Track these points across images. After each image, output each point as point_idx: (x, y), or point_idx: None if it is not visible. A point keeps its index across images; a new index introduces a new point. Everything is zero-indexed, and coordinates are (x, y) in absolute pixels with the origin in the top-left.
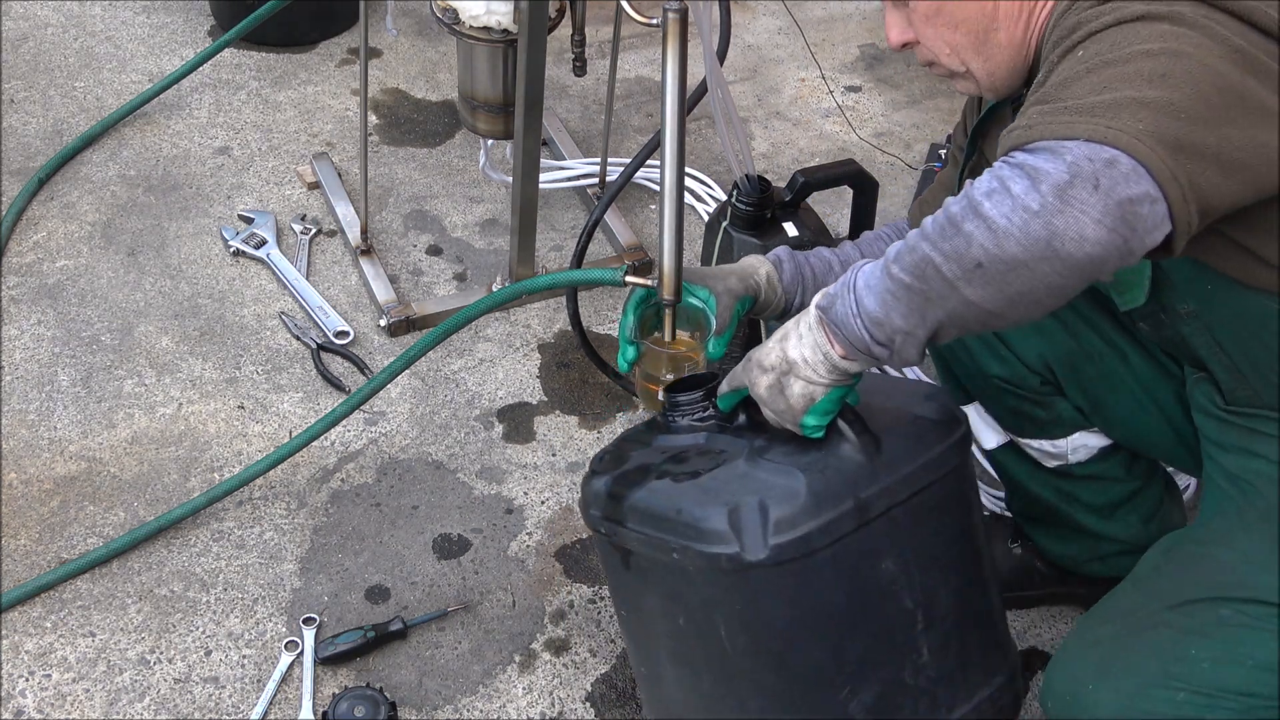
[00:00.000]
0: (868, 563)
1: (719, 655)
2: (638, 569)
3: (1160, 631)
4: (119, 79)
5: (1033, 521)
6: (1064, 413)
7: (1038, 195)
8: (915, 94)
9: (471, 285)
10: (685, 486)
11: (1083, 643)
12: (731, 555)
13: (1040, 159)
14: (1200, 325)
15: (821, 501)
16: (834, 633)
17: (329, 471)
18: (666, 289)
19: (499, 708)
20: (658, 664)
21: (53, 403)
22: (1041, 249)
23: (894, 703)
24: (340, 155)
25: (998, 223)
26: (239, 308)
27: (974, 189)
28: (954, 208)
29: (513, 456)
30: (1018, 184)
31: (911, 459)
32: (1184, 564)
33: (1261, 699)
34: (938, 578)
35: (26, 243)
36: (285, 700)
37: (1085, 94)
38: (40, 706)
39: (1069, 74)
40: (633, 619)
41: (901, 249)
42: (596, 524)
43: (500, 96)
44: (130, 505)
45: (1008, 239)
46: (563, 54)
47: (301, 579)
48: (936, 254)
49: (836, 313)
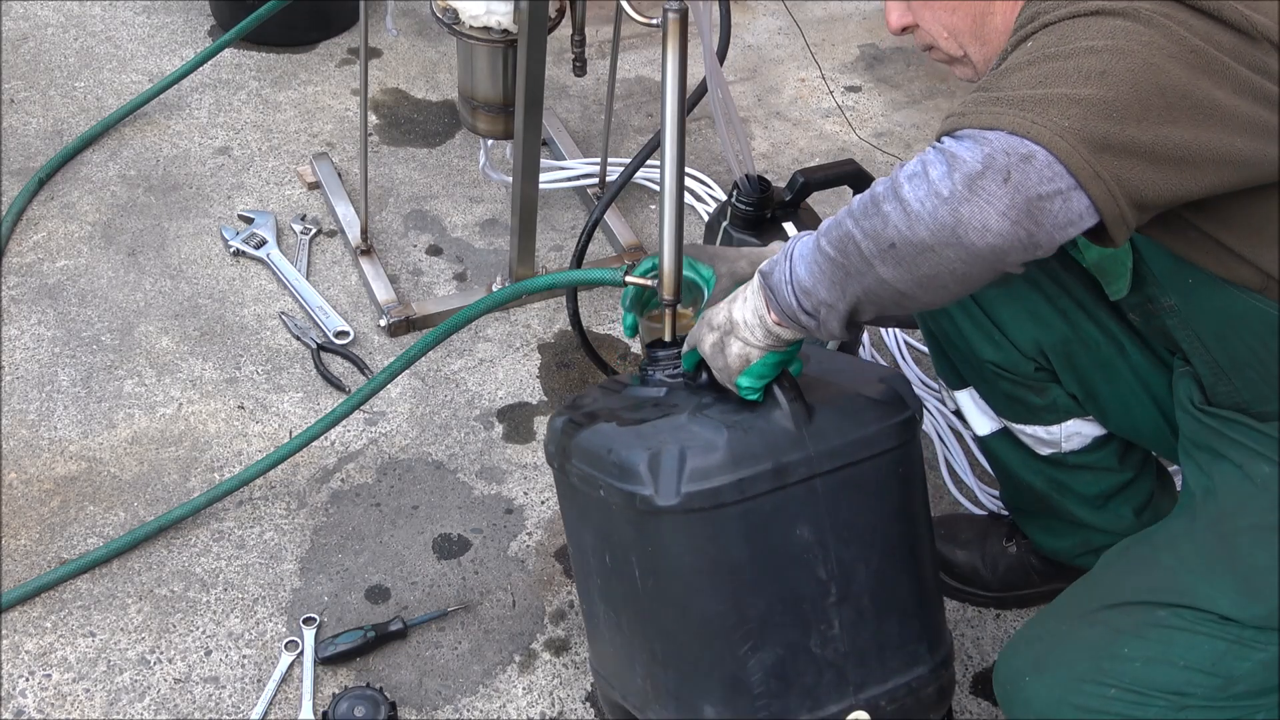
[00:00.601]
0: (780, 526)
1: (634, 595)
2: (579, 506)
3: (1096, 629)
4: (119, 79)
5: (1024, 513)
6: (1058, 399)
7: (949, 183)
8: (915, 94)
9: (471, 285)
10: (624, 431)
11: (1025, 637)
12: (645, 496)
13: (962, 146)
14: (1181, 320)
15: (739, 459)
16: (736, 587)
17: (329, 471)
18: (666, 289)
19: (499, 708)
20: (592, 602)
21: (53, 403)
22: (947, 235)
23: (796, 668)
24: (340, 155)
25: (912, 206)
26: (239, 308)
27: (899, 170)
28: (879, 187)
29: (513, 456)
30: (936, 169)
31: (841, 434)
32: (1131, 565)
33: (1193, 699)
34: (858, 554)
35: (26, 243)
36: (285, 700)
37: (1020, 86)
38: (40, 706)
39: (1012, 64)
40: (577, 557)
41: (832, 223)
42: (551, 459)
43: (500, 96)
44: (130, 505)
45: (918, 222)
46: (563, 54)
47: (301, 579)
48: (857, 230)
49: (774, 279)
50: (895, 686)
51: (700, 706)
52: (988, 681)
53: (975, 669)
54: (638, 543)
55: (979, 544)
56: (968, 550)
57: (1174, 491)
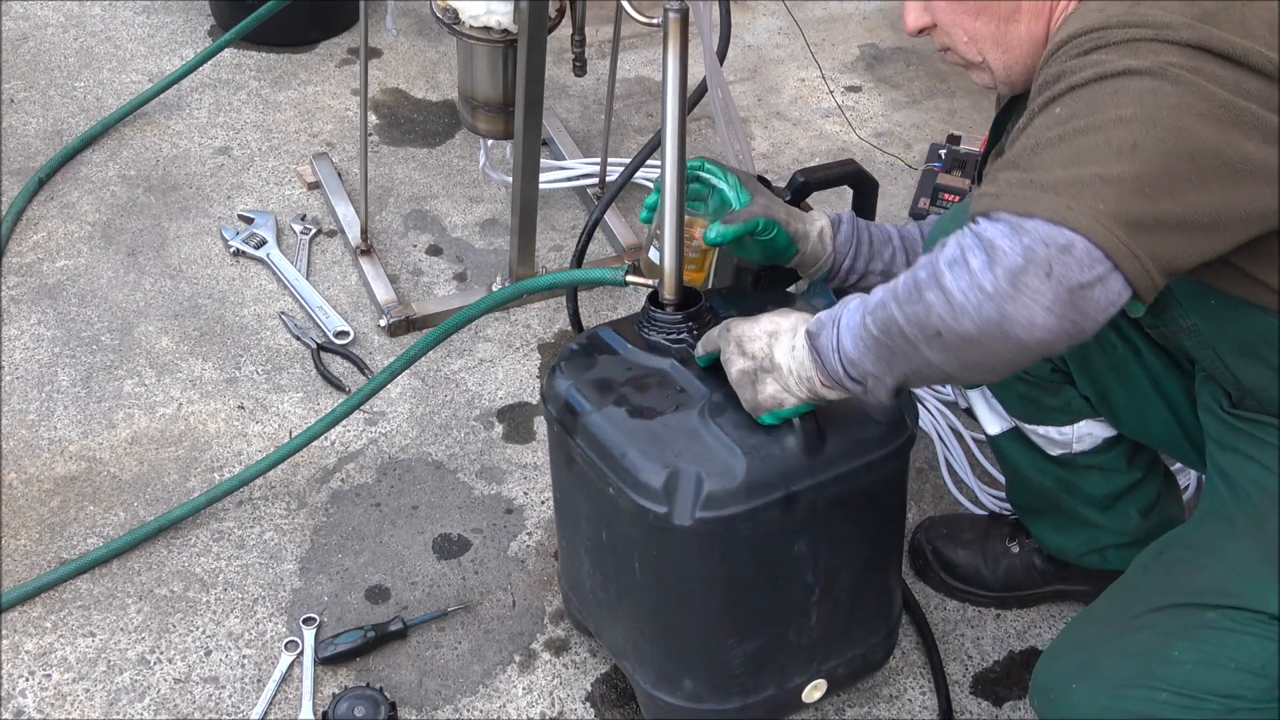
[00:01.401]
0: (782, 543)
1: (629, 575)
2: (578, 476)
3: (1144, 633)
4: (119, 79)
5: (1032, 512)
6: (1073, 401)
7: (991, 276)
8: (915, 94)
9: (471, 285)
10: (637, 427)
11: (1068, 643)
12: (659, 515)
13: (1000, 234)
14: (1201, 339)
15: (754, 489)
16: (735, 594)
17: (329, 471)
18: (667, 289)
19: (499, 708)
20: (577, 552)
21: (53, 403)
22: (993, 330)
23: (773, 653)
24: (340, 155)
25: (955, 297)
26: (239, 308)
27: (939, 255)
28: (920, 273)
29: (513, 456)
30: (976, 258)
31: (849, 459)
32: (1171, 568)
33: (1244, 701)
34: (843, 559)
35: (26, 243)
36: (285, 700)
37: (1053, 166)
38: (40, 706)
39: (1043, 137)
40: (564, 506)
41: (876, 302)
42: (551, 420)
43: (500, 96)
44: (130, 505)
45: (963, 315)
46: (563, 54)
47: (301, 579)
48: (901, 315)
49: (821, 342)
50: (851, 656)
51: (680, 680)
52: (988, 681)
53: (975, 669)
54: (643, 544)
55: (980, 544)
56: (969, 550)
57: (1179, 492)
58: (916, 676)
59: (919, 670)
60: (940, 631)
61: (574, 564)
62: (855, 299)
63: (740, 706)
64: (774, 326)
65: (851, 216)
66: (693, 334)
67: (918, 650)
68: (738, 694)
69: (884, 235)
